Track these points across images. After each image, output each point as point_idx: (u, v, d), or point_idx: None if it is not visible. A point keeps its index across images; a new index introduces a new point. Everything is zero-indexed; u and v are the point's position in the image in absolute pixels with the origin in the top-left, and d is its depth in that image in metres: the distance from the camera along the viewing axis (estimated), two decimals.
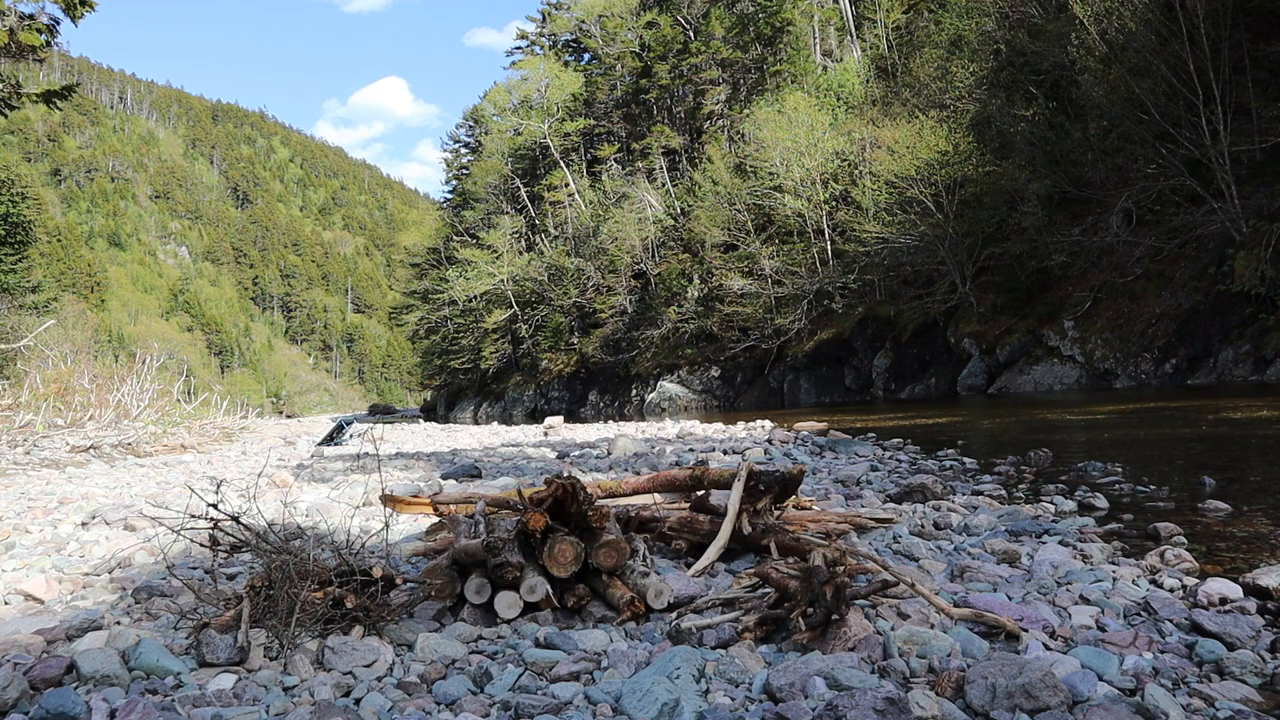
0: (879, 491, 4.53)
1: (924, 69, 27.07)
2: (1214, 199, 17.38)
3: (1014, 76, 23.07)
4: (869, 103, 29.89)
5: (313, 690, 1.82)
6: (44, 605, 2.64)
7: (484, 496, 3.07)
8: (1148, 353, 17.77)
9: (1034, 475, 5.04)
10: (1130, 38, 19.06)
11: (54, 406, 11.16)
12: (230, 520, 2.41)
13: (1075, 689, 1.62)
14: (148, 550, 3.30)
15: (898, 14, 33.03)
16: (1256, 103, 17.21)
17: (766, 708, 1.62)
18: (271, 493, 5.19)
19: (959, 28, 26.24)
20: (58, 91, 11.76)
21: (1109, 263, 19.88)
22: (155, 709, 1.64)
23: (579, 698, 1.73)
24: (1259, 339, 15.49)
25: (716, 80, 37.87)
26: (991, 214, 22.83)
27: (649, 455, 7.25)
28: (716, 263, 31.97)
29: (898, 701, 1.48)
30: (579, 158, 44.63)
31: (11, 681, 1.73)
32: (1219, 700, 1.61)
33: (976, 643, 1.91)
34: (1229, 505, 3.62)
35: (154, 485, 6.20)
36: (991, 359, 21.96)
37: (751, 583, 2.42)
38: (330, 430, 14.80)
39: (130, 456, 9.29)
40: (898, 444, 7.44)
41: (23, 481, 6.49)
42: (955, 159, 23.26)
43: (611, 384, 36.91)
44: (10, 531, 3.90)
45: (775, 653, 1.95)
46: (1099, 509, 3.82)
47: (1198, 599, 2.25)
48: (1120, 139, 20.02)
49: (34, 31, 10.39)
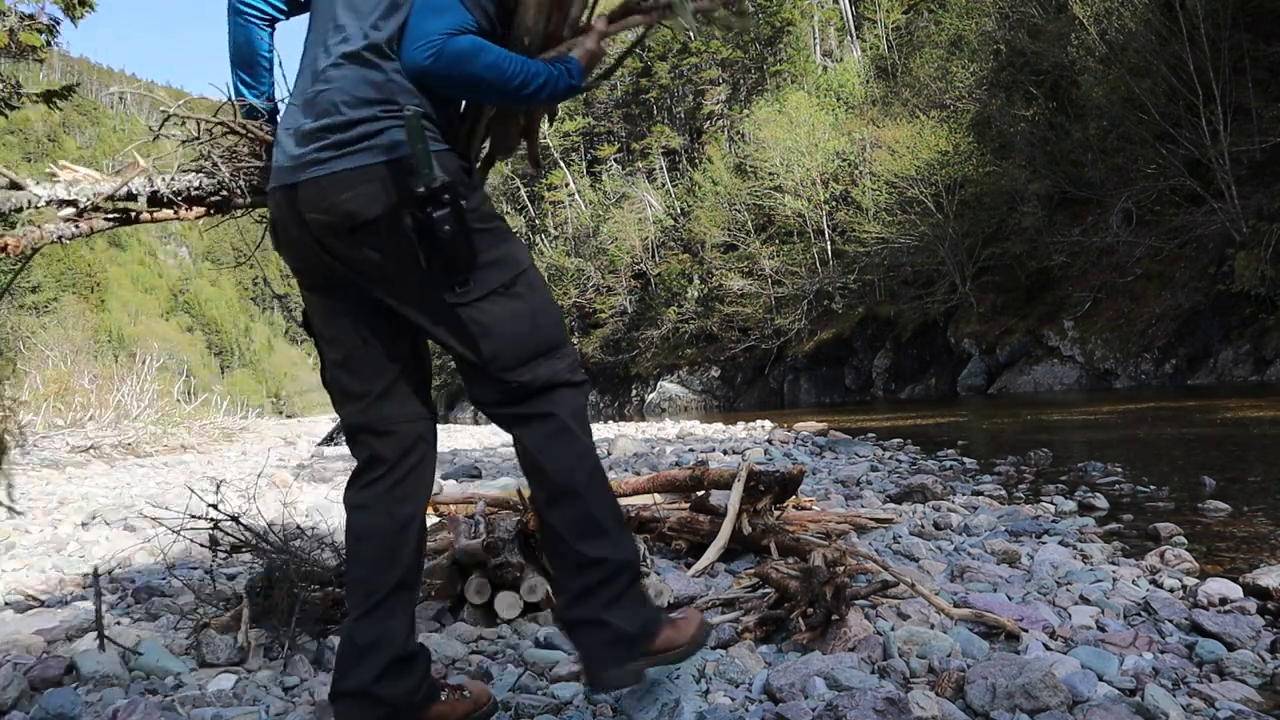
0: (879, 492, 4.53)
1: (924, 69, 27.07)
2: (1214, 199, 17.38)
3: (1014, 76, 23.06)
4: (869, 103, 29.91)
5: (313, 690, 1.82)
6: (44, 605, 2.65)
7: (484, 496, 3.07)
8: (1148, 353, 17.77)
9: (1034, 475, 5.05)
10: (1130, 38, 19.06)
11: (54, 406, 11.17)
12: (230, 520, 2.41)
13: (1075, 689, 1.62)
14: (148, 550, 3.30)
15: (898, 14, 33.04)
16: (1256, 103, 17.20)
17: (766, 708, 1.62)
18: (271, 493, 5.19)
19: (959, 28, 26.24)
20: (58, 92, 11.74)
21: (1109, 263, 19.88)
22: (156, 709, 1.64)
23: (579, 698, 1.73)
24: (1259, 339, 15.49)
25: (716, 80, 37.89)
26: (991, 214, 22.82)
27: (649, 455, 7.25)
28: (716, 263, 31.97)
29: (898, 702, 1.48)
30: (579, 158, 44.63)
31: (11, 681, 1.74)
32: (1219, 700, 1.61)
33: (976, 643, 1.91)
34: (1229, 505, 3.62)
35: (154, 485, 6.21)
36: (991, 359, 21.95)
37: (751, 583, 2.42)
38: (330, 430, 14.79)
39: (130, 456, 9.29)
40: (898, 444, 7.45)
41: (23, 482, 6.49)
42: (955, 159, 23.26)
43: (611, 384, 36.89)
44: (10, 531, 3.90)
45: (775, 653, 1.95)
46: (1099, 509, 3.82)
47: (1198, 599, 2.25)
48: (1120, 139, 20.01)
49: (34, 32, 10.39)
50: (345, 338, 1.60)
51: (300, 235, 1.53)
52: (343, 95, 1.50)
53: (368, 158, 1.48)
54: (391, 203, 1.46)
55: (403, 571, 1.56)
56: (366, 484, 1.60)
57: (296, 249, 1.57)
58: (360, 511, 1.58)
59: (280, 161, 1.57)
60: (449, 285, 1.49)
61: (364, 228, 1.48)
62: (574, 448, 1.57)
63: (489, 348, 1.52)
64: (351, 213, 1.47)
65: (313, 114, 1.52)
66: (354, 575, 1.57)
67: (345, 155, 1.49)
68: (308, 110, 1.54)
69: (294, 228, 1.54)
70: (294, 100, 1.61)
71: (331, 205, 1.48)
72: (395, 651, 1.52)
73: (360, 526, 1.58)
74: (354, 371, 1.60)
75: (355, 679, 1.49)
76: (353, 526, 1.59)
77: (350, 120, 1.49)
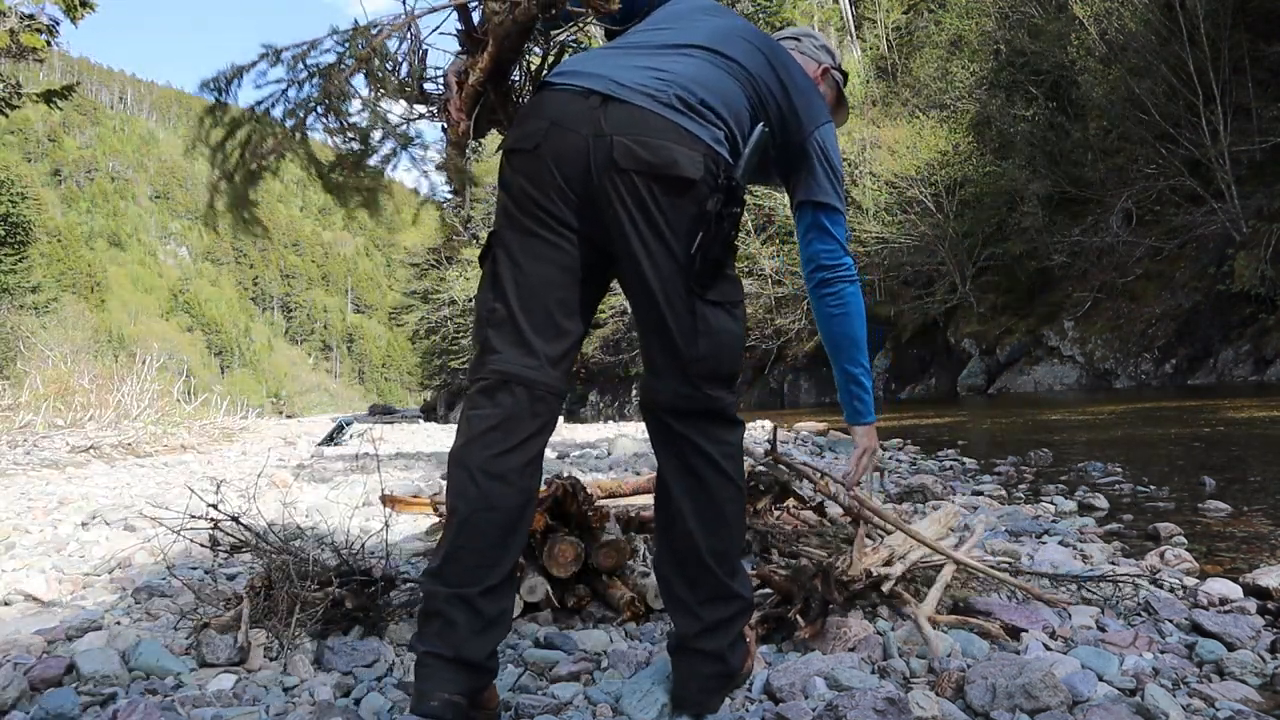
0: (879, 491, 4.53)
1: (924, 69, 27.07)
2: (1214, 199, 17.39)
3: (1014, 76, 23.06)
4: (869, 103, 29.89)
5: (313, 691, 1.82)
6: (44, 605, 2.65)
7: None
8: (1148, 353, 17.77)
9: (1034, 475, 5.05)
10: (1130, 38, 19.07)
11: (54, 406, 11.17)
12: (230, 520, 2.41)
13: (1075, 689, 1.62)
14: (148, 550, 3.30)
15: (898, 14, 33.02)
16: (1256, 103, 17.21)
17: (766, 708, 1.62)
18: (271, 493, 5.19)
19: (959, 28, 26.24)
20: (58, 91, 11.76)
21: (1109, 263, 19.89)
22: (156, 709, 1.64)
23: (579, 698, 1.73)
24: (1259, 339, 15.50)
25: None
26: (991, 214, 22.82)
27: (649, 455, 7.25)
28: None
29: (898, 701, 1.48)
30: None
31: (11, 681, 1.74)
32: (1219, 700, 1.61)
33: (976, 643, 1.91)
34: (1229, 505, 3.62)
35: (154, 485, 6.20)
36: (991, 359, 21.96)
37: (753, 584, 2.42)
38: (330, 430, 14.79)
39: (130, 457, 9.29)
40: (898, 444, 7.45)
41: (23, 482, 6.49)
42: (955, 159, 23.26)
43: (611, 384, 36.89)
44: (10, 531, 3.90)
45: (775, 653, 1.95)
46: (1099, 509, 3.82)
47: (1198, 599, 2.25)
48: (1120, 139, 20.02)
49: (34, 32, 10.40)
50: (541, 284, 1.50)
51: (582, 151, 1.44)
52: (699, 81, 1.52)
53: (705, 133, 1.49)
54: (708, 181, 1.46)
55: (519, 551, 1.53)
56: (504, 451, 1.47)
57: (565, 165, 1.46)
58: (497, 482, 1.46)
59: (588, 67, 1.52)
60: (701, 278, 1.49)
61: (675, 183, 1.44)
62: (738, 478, 1.59)
63: (704, 347, 1.52)
64: (675, 161, 1.43)
65: (657, 71, 1.51)
66: (475, 545, 1.46)
67: (688, 115, 1.48)
68: (653, 58, 1.54)
69: (581, 141, 1.44)
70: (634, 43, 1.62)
71: (659, 147, 1.43)
72: (504, 634, 1.52)
73: (495, 496, 1.46)
74: (536, 322, 1.50)
75: (475, 649, 1.44)
76: (486, 494, 1.45)
77: (703, 100, 1.50)
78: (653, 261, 1.48)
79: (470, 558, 1.46)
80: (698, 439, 1.55)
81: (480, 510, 1.46)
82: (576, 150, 1.45)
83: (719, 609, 1.58)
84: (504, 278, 1.51)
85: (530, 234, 1.50)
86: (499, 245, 1.53)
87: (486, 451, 1.47)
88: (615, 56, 1.57)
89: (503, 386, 1.49)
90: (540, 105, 1.52)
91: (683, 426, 1.55)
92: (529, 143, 1.48)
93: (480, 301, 1.55)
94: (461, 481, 1.47)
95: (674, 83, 1.50)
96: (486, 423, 1.48)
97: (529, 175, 1.48)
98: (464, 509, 1.47)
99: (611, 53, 1.60)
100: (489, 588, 1.47)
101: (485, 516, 1.46)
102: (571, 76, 1.52)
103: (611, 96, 1.46)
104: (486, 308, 1.53)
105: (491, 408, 1.49)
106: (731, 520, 1.59)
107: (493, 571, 1.47)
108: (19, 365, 14.51)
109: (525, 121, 1.52)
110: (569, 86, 1.50)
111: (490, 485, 1.46)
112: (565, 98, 1.49)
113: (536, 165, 1.47)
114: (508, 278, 1.51)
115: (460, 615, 1.44)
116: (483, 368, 1.51)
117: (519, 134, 1.52)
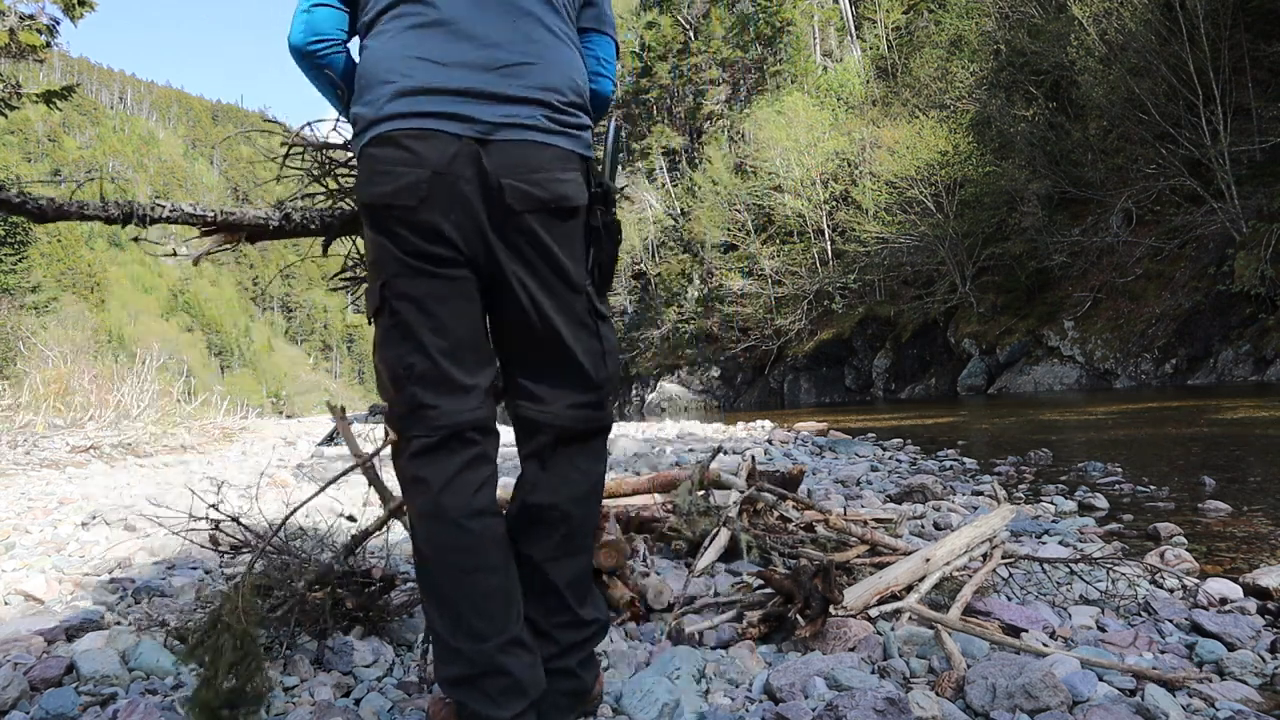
0: (879, 491, 4.53)
1: (924, 69, 27.10)
2: (1214, 199, 17.39)
3: (1014, 76, 23.08)
4: (869, 103, 29.91)
5: (312, 690, 1.82)
6: (44, 605, 2.64)
7: None
8: (1148, 353, 17.77)
9: (1034, 475, 5.05)
10: (1130, 38, 19.07)
11: (54, 406, 11.16)
12: (230, 520, 2.41)
13: (1075, 689, 1.62)
14: (148, 550, 3.30)
15: (898, 14, 33.05)
16: (1256, 103, 17.22)
17: (767, 708, 1.62)
18: (272, 493, 5.19)
19: (959, 28, 26.26)
20: (58, 91, 11.77)
21: (1109, 263, 19.90)
22: (156, 709, 1.64)
23: None
24: (1259, 339, 15.50)
25: (716, 80, 37.90)
26: (991, 214, 22.83)
27: (649, 455, 7.24)
28: (716, 263, 32.00)
29: (898, 701, 1.48)
30: None
31: (11, 681, 1.74)
32: (1219, 700, 1.61)
33: (976, 643, 1.91)
34: (1229, 505, 3.62)
35: (154, 485, 6.20)
36: (991, 359, 21.96)
37: (752, 583, 2.42)
38: (330, 430, 14.79)
39: (130, 457, 9.29)
40: (898, 444, 7.44)
41: (23, 481, 6.49)
42: (955, 159, 23.28)
43: None
44: (10, 531, 3.90)
45: (775, 653, 1.95)
46: (1099, 509, 3.82)
47: (1198, 599, 2.25)
48: (1120, 139, 20.04)
49: (34, 32, 10.40)
50: (455, 324, 1.43)
51: (470, 199, 1.37)
52: (560, 75, 1.44)
53: (578, 144, 1.45)
54: (590, 197, 1.45)
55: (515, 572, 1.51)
56: (479, 488, 1.45)
57: (454, 213, 1.38)
58: (485, 518, 1.43)
59: (436, 81, 1.39)
60: (600, 291, 1.49)
61: (566, 213, 1.41)
62: (600, 493, 1.60)
63: (611, 365, 1.54)
64: (565, 195, 1.40)
65: (501, 65, 1.40)
66: (490, 585, 1.42)
67: (560, 132, 1.42)
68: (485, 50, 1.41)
69: (469, 187, 1.37)
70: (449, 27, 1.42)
71: (547, 181, 1.39)
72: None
73: (491, 531, 1.44)
74: (461, 361, 1.44)
75: (537, 679, 1.44)
76: (486, 532, 1.42)
77: (566, 101, 1.44)
78: (552, 295, 1.45)
79: (496, 600, 1.43)
80: (583, 455, 1.56)
81: (488, 551, 1.43)
82: (465, 198, 1.38)
83: (572, 633, 1.55)
84: (416, 328, 1.42)
85: (431, 277, 1.42)
86: (396, 297, 1.43)
87: (460, 498, 1.43)
88: (450, 47, 1.42)
89: (455, 438, 1.44)
90: (413, 152, 1.38)
91: (573, 450, 1.55)
92: (412, 198, 1.38)
93: (392, 359, 1.44)
94: (448, 534, 1.42)
95: (533, 86, 1.42)
96: (450, 470, 1.44)
97: (415, 228, 1.39)
98: (466, 561, 1.42)
99: (444, 42, 1.42)
100: (520, 614, 1.45)
101: (492, 553, 1.43)
102: (429, 103, 1.39)
103: (488, 140, 1.38)
104: (403, 364, 1.43)
105: (450, 457, 1.44)
106: (588, 544, 1.59)
107: (517, 604, 1.46)
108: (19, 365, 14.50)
109: (397, 172, 1.39)
110: (437, 131, 1.38)
111: (481, 523, 1.43)
112: (441, 143, 1.38)
113: (426, 218, 1.39)
114: (421, 327, 1.42)
115: (514, 661, 1.40)
116: (421, 424, 1.44)
117: (395, 188, 1.39)
